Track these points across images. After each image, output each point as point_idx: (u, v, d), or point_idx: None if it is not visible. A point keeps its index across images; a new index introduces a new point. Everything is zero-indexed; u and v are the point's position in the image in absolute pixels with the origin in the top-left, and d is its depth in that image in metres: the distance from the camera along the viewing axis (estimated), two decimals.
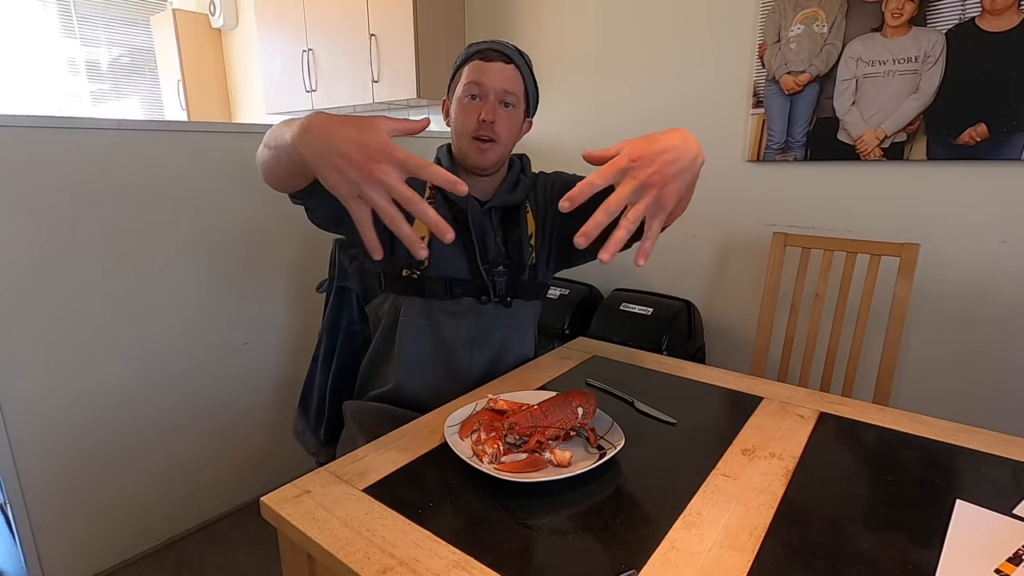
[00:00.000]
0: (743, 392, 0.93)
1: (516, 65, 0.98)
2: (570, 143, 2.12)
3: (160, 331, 1.48)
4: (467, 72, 0.97)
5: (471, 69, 0.97)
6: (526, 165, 1.12)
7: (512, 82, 0.97)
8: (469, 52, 0.99)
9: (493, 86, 0.95)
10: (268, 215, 1.65)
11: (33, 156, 1.22)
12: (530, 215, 1.09)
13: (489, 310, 1.03)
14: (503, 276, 1.03)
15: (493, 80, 0.95)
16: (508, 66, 0.97)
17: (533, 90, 1.04)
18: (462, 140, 0.99)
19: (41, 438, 1.31)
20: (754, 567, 0.53)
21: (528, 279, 1.06)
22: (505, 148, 1.01)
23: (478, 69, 0.96)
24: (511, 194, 1.05)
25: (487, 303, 1.02)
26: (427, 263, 0.99)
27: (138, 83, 3.78)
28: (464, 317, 1.01)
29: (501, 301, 1.03)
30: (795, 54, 1.55)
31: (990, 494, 0.64)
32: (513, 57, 0.98)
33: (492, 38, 1.06)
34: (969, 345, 1.45)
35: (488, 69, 0.96)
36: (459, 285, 1.01)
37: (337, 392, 1.13)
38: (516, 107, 0.99)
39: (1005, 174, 1.33)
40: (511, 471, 0.65)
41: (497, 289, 1.02)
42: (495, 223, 1.03)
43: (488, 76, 0.95)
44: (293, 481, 0.67)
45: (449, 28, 2.29)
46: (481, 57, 0.96)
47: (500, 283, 1.03)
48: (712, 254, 1.85)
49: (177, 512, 1.60)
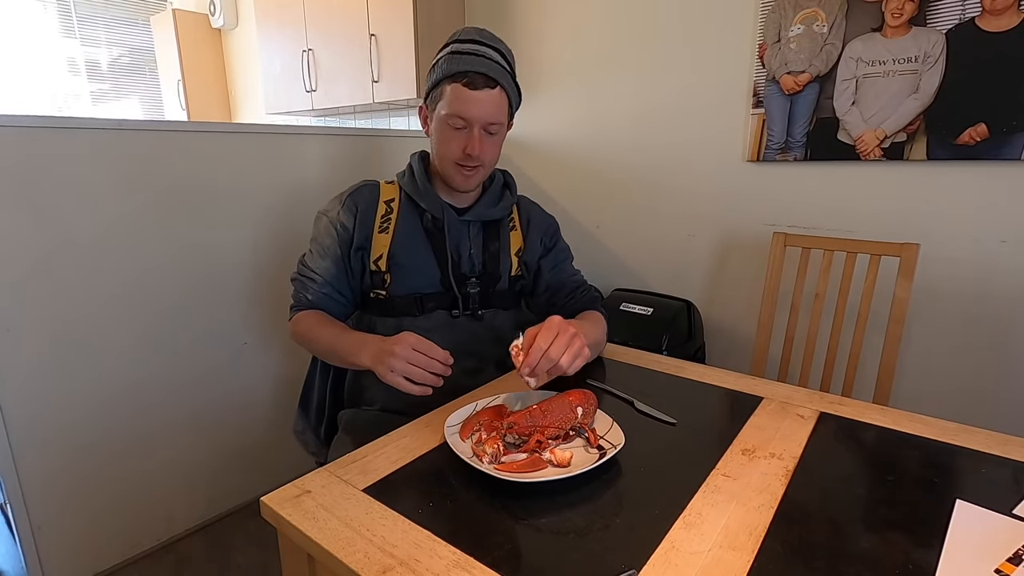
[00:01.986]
0: (743, 392, 0.93)
1: (502, 86, 0.94)
2: (568, 142, 2.12)
3: (160, 331, 1.48)
4: (450, 98, 0.93)
5: (455, 97, 0.92)
6: (511, 183, 1.11)
7: (497, 109, 0.95)
8: (450, 68, 0.93)
9: (478, 118, 0.93)
10: (267, 215, 1.65)
11: (33, 156, 1.22)
12: (516, 232, 1.09)
13: (462, 323, 1.02)
14: (476, 288, 1.02)
15: (478, 112, 0.92)
16: (493, 92, 0.93)
17: (516, 98, 1.01)
18: (445, 163, 0.98)
19: (41, 438, 1.31)
20: (754, 567, 0.53)
21: (505, 289, 1.07)
22: (490, 169, 1.02)
23: (462, 99, 0.92)
24: (492, 208, 1.05)
25: (459, 316, 1.02)
26: (389, 279, 1.00)
27: (138, 83, 3.78)
28: (438, 332, 0.98)
29: (472, 314, 1.03)
30: (795, 54, 1.55)
31: (990, 494, 0.64)
32: (499, 78, 0.93)
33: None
34: (969, 345, 1.45)
35: (472, 100, 0.92)
36: (430, 299, 1.01)
37: (337, 392, 1.13)
38: (501, 130, 0.98)
39: (1005, 174, 1.33)
40: (511, 471, 0.65)
41: (469, 301, 1.02)
42: (472, 234, 1.03)
43: (473, 108, 0.92)
44: (293, 481, 0.67)
45: (449, 28, 2.28)
46: (465, 82, 0.92)
47: (472, 295, 1.02)
48: (712, 254, 1.85)
49: (177, 512, 1.60)
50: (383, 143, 1.95)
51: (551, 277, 1.12)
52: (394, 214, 1.01)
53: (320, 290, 1.01)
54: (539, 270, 1.12)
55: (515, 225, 1.10)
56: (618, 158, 2.00)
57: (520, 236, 1.10)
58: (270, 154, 1.63)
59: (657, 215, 1.94)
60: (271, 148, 1.63)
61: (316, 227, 1.04)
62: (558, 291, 1.11)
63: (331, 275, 1.01)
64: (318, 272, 1.01)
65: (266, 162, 1.62)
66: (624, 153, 1.98)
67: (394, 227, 1.01)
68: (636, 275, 2.04)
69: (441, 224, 1.00)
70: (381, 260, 1.00)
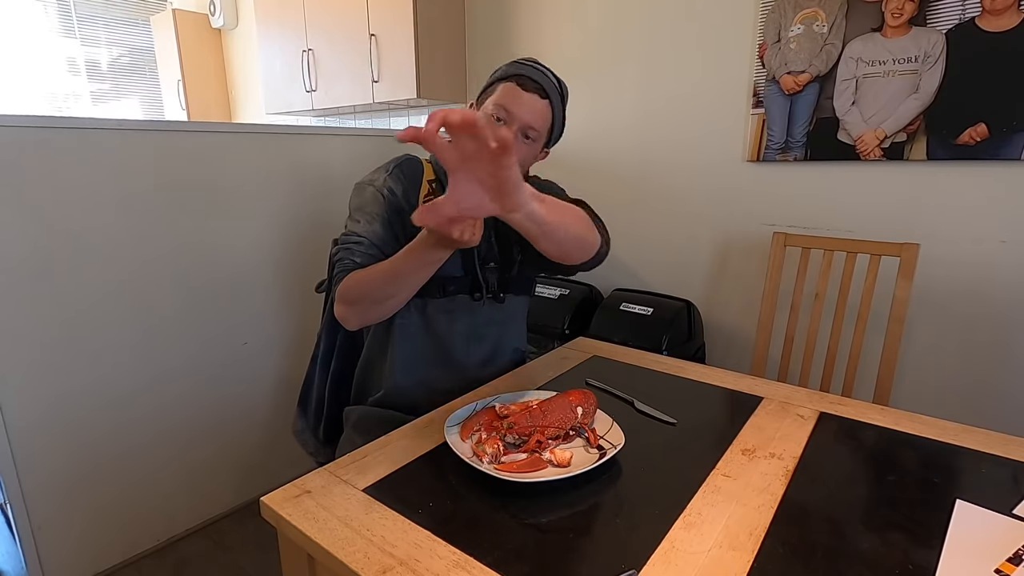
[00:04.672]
0: (743, 392, 0.93)
1: (550, 101, 0.96)
2: (567, 142, 2.12)
3: (160, 331, 1.48)
4: (500, 91, 0.95)
5: (505, 90, 0.94)
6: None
7: (540, 117, 0.95)
8: (509, 70, 0.96)
9: (520, 116, 0.93)
10: (267, 215, 1.65)
11: (33, 156, 1.22)
12: None
13: (483, 306, 1.04)
14: (494, 273, 1.04)
15: (522, 111, 0.93)
16: (542, 101, 0.95)
17: (560, 126, 1.02)
18: None
19: (41, 438, 1.31)
20: (754, 567, 0.53)
21: (517, 274, 1.08)
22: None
23: (511, 94, 0.94)
24: None
25: (480, 299, 1.03)
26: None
27: (138, 83, 3.78)
28: (459, 314, 1.02)
29: (495, 297, 1.04)
30: (795, 54, 1.55)
31: (990, 494, 0.64)
32: (550, 92, 0.96)
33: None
34: (969, 345, 1.45)
35: (520, 98, 0.93)
36: (453, 283, 1.01)
37: (336, 392, 1.13)
38: (537, 140, 0.98)
39: (1005, 174, 1.33)
40: (511, 471, 0.65)
41: (490, 286, 1.03)
42: (489, 221, 1.04)
43: (518, 105, 0.93)
44: (293, 481, 0.67)
45: (449, 28, 2.29)
46: (519, 82, 0.94)
47: (492, 280, 1.04)
48: (712, 254, 1.85)
49: (177, 512, 1.60)
50: (383, 143, 1.95)
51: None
52: (434, 196, 1.00)
53: (368, 251, 0.93)
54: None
55: None
56: (618, 158, 2.00)
57: None
58: (270, 154, 1.63)
59: (657, 215, 1.94)
60: (271, 148, 1.63)
61: (359, 197, 0.99)
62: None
63: (380, 238, 0.95)
64: (365, 235, 0.95)
65: (266, 162, 1.62)
66: (624, 153, 1.98)
67: None
68: (636, 275, 2.04)
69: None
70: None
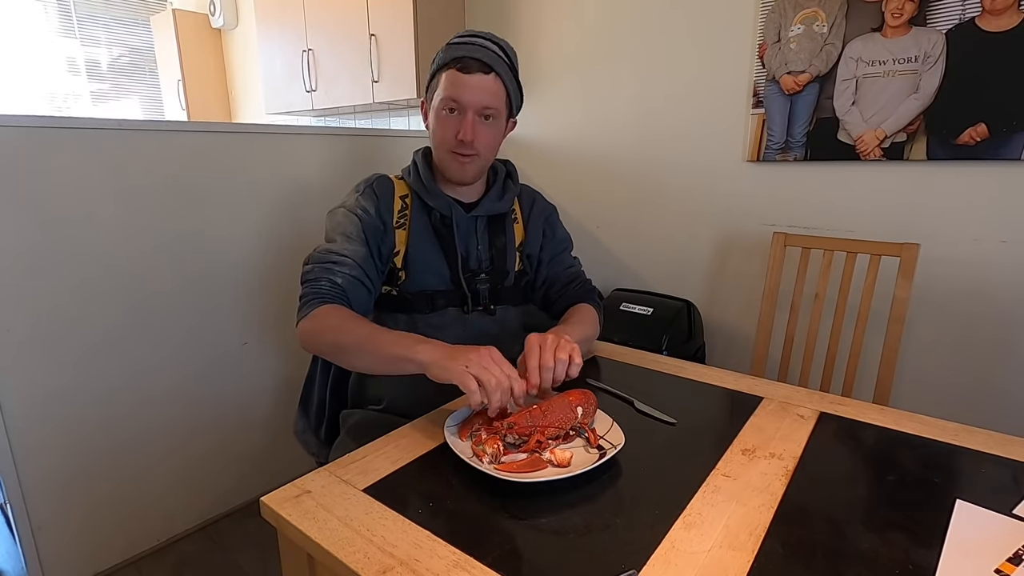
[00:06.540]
0: (743, 392, 0.93)
1: (497, 73, 0.93)
2: (567, 141, 2.12)
3: (160, 331, 1.48)
4: (444, 82, 0.92)
5: (449, 80, 0.92)
6: (512, 172, 1.10)
7: (492, 95, 0.93)
8: (446, 57, 0.93)
9: (472, 102, 0.91)
10: (267, 216, 1.65)
11: (33, 156, 1.22)
12: (519, 225, 1.09)
13: (473, 319, 1.02)
14: (485, 284, 1.02)
15: (471, 95, 0.91)
16: (487, 77, 0.92)
17: (516, 93, 0.99)
18: (442, 152, 0.97)
19: (41, 438, 1.31)
20: (754, 567, 0.53)
21: (512, 285, 1.06)
22: (487, 160, 1.00)
23: (455, 83, 0.91)
24: (498, 202, 1.04)
25: (470, 312, 1.01)
26: (404, 276, 0.99)
27: (138, 83, 3.78)
28: (449, 328, 0.99)
29: (485, 309, 1.03)
30: (795, 54, 1.55)
31: (990, 494, 0.64)
32: (494, 65, 0.92)
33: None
34: (969, 345, 1.45)
35: (466, 84, 0.91)
36: (441, 296, 1.00)
37: (337, 393, 1.13)
38: (497, 117, 0.96)
39: (1005, 174, 1.33)
40: (511, 471, 0.65)
41: (480, 297, 1.02)
42: (480, 230, 1.03)
43: (466, 91, 0.91)
44: (293, 481, 0.67)
45: (449, 28, 2.29)
46: (459, 67, 0.91)
47: (482, 291, 1.02)
48: (712, 254, 1.85)
49: (177, 512, 1.60)
50: (383, 143, 1.95)
51: (548, 270, 1.12)
52: (408, 211, 1.00)
53: (350, 273, 0.90)
54: (540, 261, 1.12)
55: (517, 218, 1.09)
56: (618, 158, 2.00)
57: (522, 229, 1.09)
58: (270, 154, 1.63)
59: (657, 215, 1.94)
60: (271, 148, 1.63)
61: (331, 220, 0.97)
62: (552, 284, 1.11)
63: (361, 257, 0.92)
64: (346, 254, 0.91)
65: (266, 162, 1.62)
66: (624, 153, 1.98)
67: (409, 224, 1.00)
68: (636, 275, 2.04)
69: (450, 221, 1.00)
70: (398, 256, 0.98)
